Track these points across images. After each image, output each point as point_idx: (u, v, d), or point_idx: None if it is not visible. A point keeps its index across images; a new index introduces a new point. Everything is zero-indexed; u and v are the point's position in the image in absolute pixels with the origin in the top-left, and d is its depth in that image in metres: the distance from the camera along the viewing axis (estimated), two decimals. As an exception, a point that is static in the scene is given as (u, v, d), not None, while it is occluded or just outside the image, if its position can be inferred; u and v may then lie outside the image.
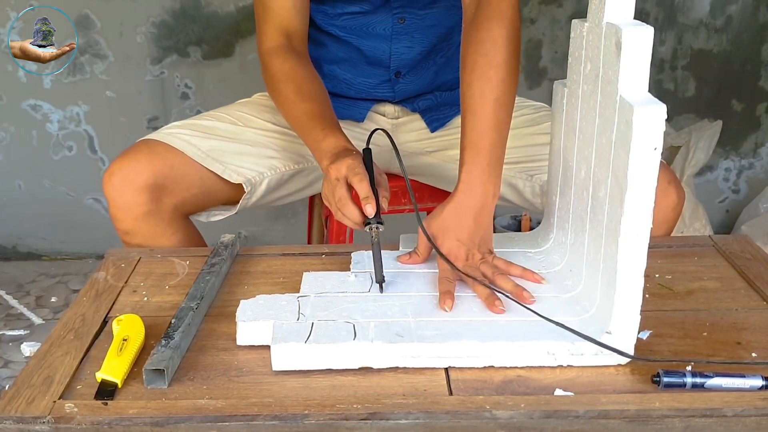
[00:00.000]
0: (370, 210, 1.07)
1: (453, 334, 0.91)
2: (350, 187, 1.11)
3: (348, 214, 1.09)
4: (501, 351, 0.90)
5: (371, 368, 0.90)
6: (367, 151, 1.17)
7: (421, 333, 0.92)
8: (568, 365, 0.90)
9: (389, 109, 1.49)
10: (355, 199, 1.10)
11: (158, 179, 1.26)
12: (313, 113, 1.25)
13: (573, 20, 1.03)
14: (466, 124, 1.12)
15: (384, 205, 1.11)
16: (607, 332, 0.89)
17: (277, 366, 0.89)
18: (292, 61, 1.32)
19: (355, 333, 0.91)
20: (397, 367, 0.90)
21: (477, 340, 0.90)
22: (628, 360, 0.90)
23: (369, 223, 1.07)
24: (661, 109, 0.81)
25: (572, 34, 1.03)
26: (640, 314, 0.89)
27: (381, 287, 1.03)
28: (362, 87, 1.45)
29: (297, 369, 0.89)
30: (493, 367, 0.90)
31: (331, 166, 1.13)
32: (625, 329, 0.89)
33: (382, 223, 1.08)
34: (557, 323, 0.92)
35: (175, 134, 1.34)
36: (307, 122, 1.24)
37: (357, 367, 0.89)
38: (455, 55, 1.46)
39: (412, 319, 0.95)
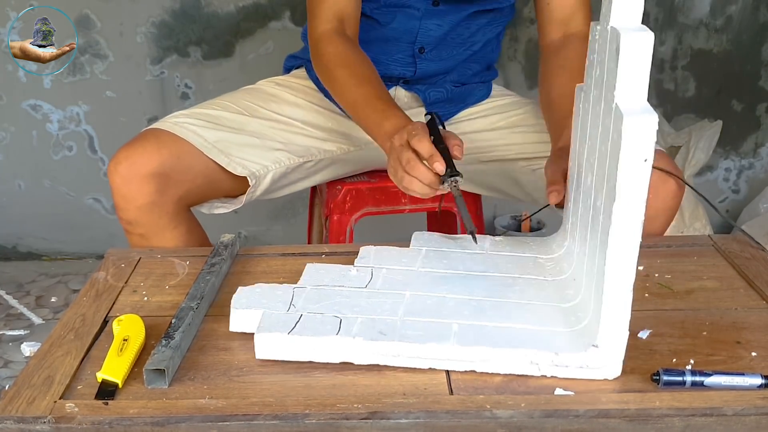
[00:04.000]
0: (439, 167, 1.04)
1: (436, 335, 0.90)
2: (418, 153, 1.08)
3: (418, 175, 1.06)
4: (482, 356, 0.88)
5: (351, 364, 0.89)
6: (432, 115, 1.15)
7: (404, 332, 0.91)
8: (552, 376, 0.87)
9: (401, 94, 1.48)
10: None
11: (165, 169, 1.26)
12: (370, 96, 1.25)
13: (592, 22, 1.01)
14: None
15: (456, 152, 1.07)
16: (594, 345, 0.86)
17: (260, 354, 0.90)
18: (344, 46, 1.32)
19: (339, 328, 0.91)
20: (398, 367, 0.90)
21: (458, 343, 0.89)
22: (616, 375, 0.87)
23: (448, 177, 1.04)
24: (652, 120, 0.78)
25: (590, 37, 0.99)
26: (640, 314, 0.88)
27: (474, 238, 1.05)
28: (383, 62, 1.43)
29: (279, 359, 0.90)
30: (474, 372, 0.88)
31: (394, 137, 1.11)
32: (612, 344, 0.86)
33: (459, 174, 1.04)
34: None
35: (182, 123, 1.34)
36: (365, 106, 1.24)
37: (338, 362, 0.89)
38: (479, 53, 1.47)
39: (399, 318, 0.94)
